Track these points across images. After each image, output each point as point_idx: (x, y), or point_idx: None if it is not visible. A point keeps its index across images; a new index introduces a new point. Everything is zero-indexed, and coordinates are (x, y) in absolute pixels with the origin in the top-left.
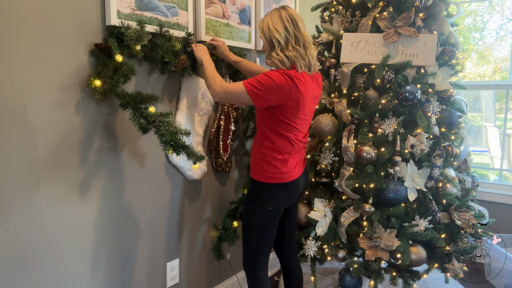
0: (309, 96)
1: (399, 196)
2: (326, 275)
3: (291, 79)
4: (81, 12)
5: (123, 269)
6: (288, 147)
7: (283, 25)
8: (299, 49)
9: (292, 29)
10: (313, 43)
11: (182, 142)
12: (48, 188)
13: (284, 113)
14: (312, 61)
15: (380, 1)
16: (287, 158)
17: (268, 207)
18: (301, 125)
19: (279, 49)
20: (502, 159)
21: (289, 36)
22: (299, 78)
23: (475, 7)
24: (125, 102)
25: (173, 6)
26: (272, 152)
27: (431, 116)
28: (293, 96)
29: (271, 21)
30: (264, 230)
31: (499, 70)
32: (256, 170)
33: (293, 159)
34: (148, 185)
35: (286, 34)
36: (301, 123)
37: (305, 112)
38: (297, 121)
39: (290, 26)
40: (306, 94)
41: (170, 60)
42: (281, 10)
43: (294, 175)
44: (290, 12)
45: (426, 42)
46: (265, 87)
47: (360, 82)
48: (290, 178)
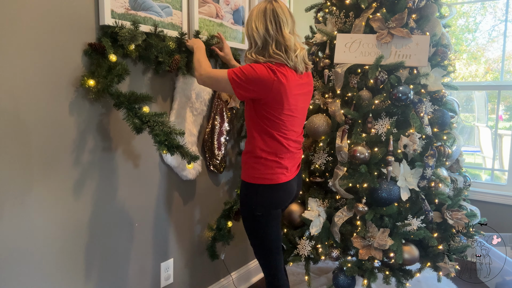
0: (294, 91)
1: (392, 195)
2: (320, 274)
3: (273, 72)
4: (75, 11)
5: (117, 269)
6: (277, 146)
7: (265, 24)
8: (281, 54)
9: (273, 31)
10: (301, 43)
11: (176, 142)
12: (41, 188)
13: (267, 108)
14: (297, 64)
15: (374, 2)
16: (277, 159)
17: (257, 212)
18: (290, 123)
19: (253, 51)
20: (494, 159)
21: (269, 38)
22: (282, 72)
23: (468, 9)
24: (119, 102)
25: (167, 6)
26: (260, 152)
27: (423, 116)
28: (275, 89)
29: (255, 16)
30: (261, 233)
31: (491, 71)
32: (244, 171)
33: (285, 160)
34: (142, 185)
35: (265, 35)
36: (288, 120)
37: (291, 108)
38: (283, 118)
39: (272, 28)
40: (290, 88)
41: (164, 59)
42: (268, 4)
43: (286, 176)
44: (277, 10)
45: (418, 43)
46: (246, 77)
47: (353, 83)
48: (281, 179)
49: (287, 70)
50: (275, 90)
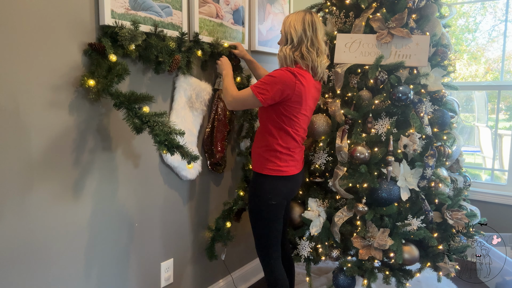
0: (310, 92)
1: (392, 195)
2: (320, 274)
3: (293, 74)
4: (74, 11)
5: (117, 269)
6: (290, 142)
7: (303, 26)
8: (313, 52)
9: (310, 33)
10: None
11: (176, 142)
12: (41, 189)
13: (287, 108)
14: (319, 68)
15: (374, 2)
16: (290, 153)
17: (272, 202)
18: (303, 121)
19: (289, 46)
20: (494, 159)
21: (305, 38)
22: (302, 74)
23: (468, 9)
24: (119, 102)
25: (167, 6)
26: (276, 146)
27: (423, 116)
28: (297, 91)
29: (294, 19)
30: (270, 223)
31: (491, 71)
32: (259, 164)
33: (296, 154)
34: (142, 185)
35: (302, 34)
36: (302, 118)
37: (307, 108)
38: (299, 116)
39: (309, 30)
40: (309, 89)
41: (164, 59)
42: (307, 13)
43: (296, 169)
44: (314, 19)
45: (418, 43)
46: (268, 85)
47: (353, 83)
48: (293, 171)
49: (306, 73)
50: (297, 91)
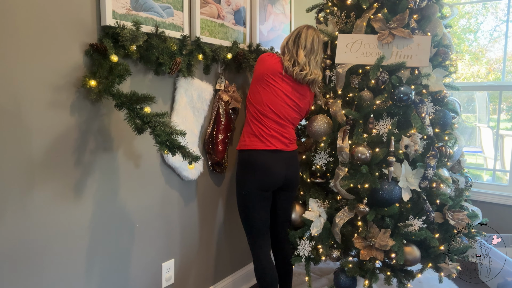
0: (274, 72)
1: (394, 196)
2: (321, 275)
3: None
4: (76, 12)
5: (118, 269)
6: (257, 116)
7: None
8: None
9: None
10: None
11: (177, 143)
12: (42, 189)
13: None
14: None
15: (375, 3)
16: (253, 128)
17: (243, 192)
18: (267, 99)
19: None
20: (495, 160)
21: (287, 51)
22: (271, 55)
23: (469, 9)
24: (121, 102)
25: (169, 7)
26: (246, 125)
27: (425, 117)
28: (263, 60)
29: (291, 31)
30: (248, 212)
31: (492, 71)
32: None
33: (258, 129)
34: (143, 185)
35: (285, 47)
36: (265, 94)
37: (270, 81)
38: (262, 87)
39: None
40: (270, 66)
41: (165, 61)
42: (304, 27)
43: (253, 145)
44: (302, 35)
45: (420, 43)
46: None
47: (354, 83)
48: (249, 146)
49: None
50: (263, 61)
